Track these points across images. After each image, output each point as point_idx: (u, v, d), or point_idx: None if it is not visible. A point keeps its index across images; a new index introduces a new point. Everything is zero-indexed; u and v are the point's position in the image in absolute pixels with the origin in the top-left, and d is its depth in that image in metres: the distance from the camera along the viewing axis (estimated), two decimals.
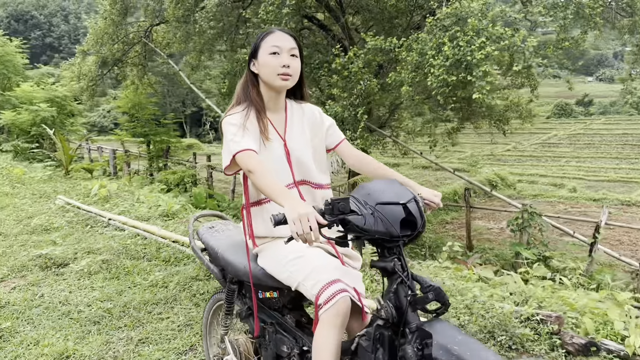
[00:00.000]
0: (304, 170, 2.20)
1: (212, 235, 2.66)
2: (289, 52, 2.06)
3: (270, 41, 2.07)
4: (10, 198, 8.56)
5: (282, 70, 2.04)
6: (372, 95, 9.67)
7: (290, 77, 2.07)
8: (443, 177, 22.63)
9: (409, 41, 8.63)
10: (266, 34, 2.12)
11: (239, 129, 2.02)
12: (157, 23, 14.21)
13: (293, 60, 2.07)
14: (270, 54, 2.05)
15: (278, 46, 2.04)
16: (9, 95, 21.10)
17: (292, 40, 2.08)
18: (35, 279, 4.73)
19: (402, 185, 1.95)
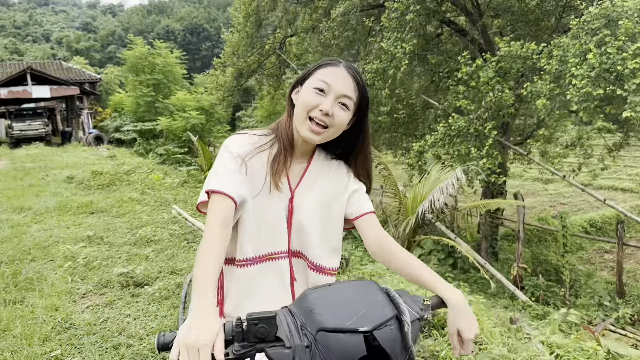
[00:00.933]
0: (304, 240, 1.63)
1: None
2: (339, 98, 1.50)
3: (322, 74, 1.52)
4: (133, 204, 9.00)
5: (316, 114, 1.48)
6: (505, 108, 8.54)
7: (325, 131, 1.51)
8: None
9: (550, 47, 7.41)
10: (323, 64, 1.56)
11: (235, 161, 1.52)
12: (291, 34, 14.33)
13: (339, 109, 1.50)
14: (315, 88, 1.50)
15: (328, 83, 1.49)
16: (168, 103, 23.08)
17: (351, 83, 1.52)
18: (110, 299, 4.69)
19: (379, 291, 1.27)
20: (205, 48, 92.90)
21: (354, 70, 1.54)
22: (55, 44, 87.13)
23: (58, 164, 15.05)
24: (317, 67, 1.55)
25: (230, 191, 1.44)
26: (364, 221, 1.65)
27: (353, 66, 1.55)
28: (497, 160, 8.35)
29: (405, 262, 1.55)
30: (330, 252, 1.66)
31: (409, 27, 8.79)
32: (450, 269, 9.14)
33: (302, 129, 1.50)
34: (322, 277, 1.64)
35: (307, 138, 1.51)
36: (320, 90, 1.48)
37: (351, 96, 1.51)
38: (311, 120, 1.49)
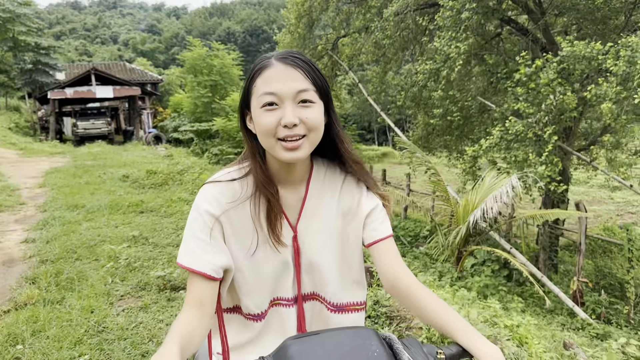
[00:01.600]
0: (319, 279, 1.38)
1: None
2: (296, 97, 1.21)
3: (261, 85, 1.22)
4: (182, 205, 9.06)
5: (284, 132, 1.20)
6: (567, 112, 8.00)
7: (303, 140, 1.22)
8: None
9: (618, 47, 6.86)
10: (257, 70, 1.26)
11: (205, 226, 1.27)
12: (343, 35, 14.13)
13: (304, 109, 1.22)
14: (263, 106, 1.21)
15: (274, 92, 1.20)
16: (224, 104, 23.44)
17: (298, 74, 1.22)
18: (146, 302, 4.64)
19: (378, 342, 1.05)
20: (264, 49, 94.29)
21: (290, 56, 1.24)
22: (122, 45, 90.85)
23: (116, 163, 15.50)
24: (250, 80, 1.26)
25: (202, 268, 1.23)
26: (377, 249, 1.38)
27: (286, 53, 1.26)
28: (558, 167, 7.82)
29: (425, 303, 1.27)
30: (353, 285, 1.43)
31: (464, 26, 8.39)
32: (504, 281, 8.66)
33: (278, 154, 1.23)
34: (347, 316, 1.41)
35: (289, 160, 1.23)
36: (269, 105, 1.20)
37: (307, 87, 1.21)
38: (283, 140, 1.21)
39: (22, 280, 5.18)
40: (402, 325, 4.03)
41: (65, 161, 16.74)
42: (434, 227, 7.96)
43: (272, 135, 1.21)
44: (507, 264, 8.83)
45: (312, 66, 1.26)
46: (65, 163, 16.03)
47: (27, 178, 12.48)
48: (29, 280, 5.17)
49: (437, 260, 7.97)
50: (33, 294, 4.67)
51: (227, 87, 24.97)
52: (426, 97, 11.62)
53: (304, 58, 1.26)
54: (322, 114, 1.25)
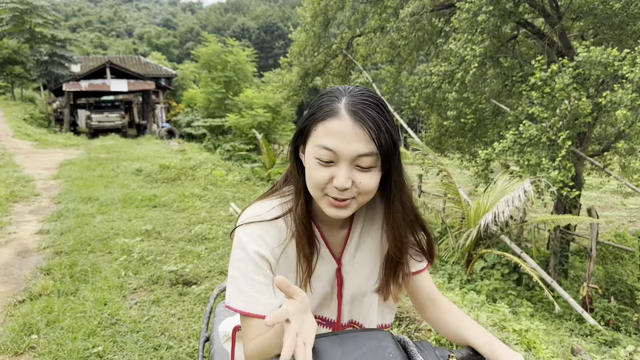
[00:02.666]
0: (359, 309, 1.39)
1: (222, 320, 2.03)
2: (354, 160, 1.13)
3: (322, 136, 1.14)
4: (194, 200, 9.14)
5: (334, 193, 1.16)
6: (582, 117, 7.96)
7: (352, 202, 1.18)
8: None
9: (635, 53, 6.81)
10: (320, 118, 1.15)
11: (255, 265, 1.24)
12: (358, 34, 14.13)
13: (360, 174, 1.15)
14: (317, 157, 1.15)
15: (333, 150, 1.12)
16: (237, 100, 23.53)
17: (363, 134, 1.11)
18: (158, 296, 4.70)
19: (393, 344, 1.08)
20: (278, 46, 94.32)
21: (362, 109, 1.12)
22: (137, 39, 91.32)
23: (130, 156, 15.63)
24: (312, 120, 1.17)
25: (262, 311, 1.20)
26: (417, 281, 1.42)
27: (359, 100, 1.13)
28: (571, 172, 7.79)
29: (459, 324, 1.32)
30: (386, 309, 1.44)
31: (480, 29, 8.37)
32: (514, 285, 8.64)
33: (324, 208, 1.20)
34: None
35: (333, 217, 1.20)
36: (325, 162, 1.14)
37: (370, 152, 1.12)
38: (327, 197, 1.18)
39: (37, 271, 5.27)
40: (411, 327, 4.06)
41: (79, 153, 16.91)
42: (445, 229, 7.96)
43: (322, 189, 1.17)
44: (517, 268, 8.81)
45: (385, 126, 1.14)
46: (79, 155, 16.19)
47: (41, 169, 12.64)
48: (43, 271, 5.26)
49: (447, 262, 7.98)
50: (48, 285, 4.75)
51: (241, 83, 25.07)
52: (440, 98, 11.59)
53: (378, 115, 1.13)
54: (378, 179, 1.18)
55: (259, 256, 1.24)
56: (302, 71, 14.82)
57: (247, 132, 21.02)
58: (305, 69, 14.70)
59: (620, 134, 10.45)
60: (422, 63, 14.70)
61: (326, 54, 14.40)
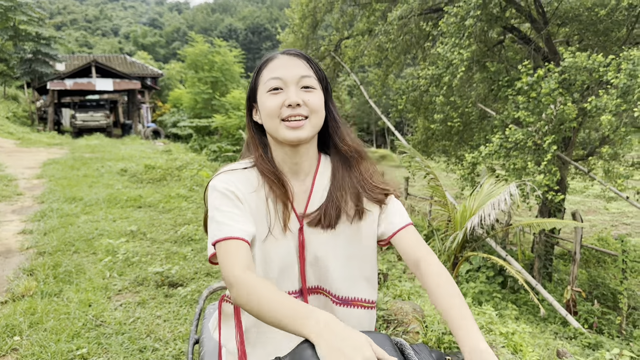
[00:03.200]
0: (324, 273, 1.38)
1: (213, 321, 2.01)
2: (299, 82, 1.30)
3: (267, 73, 1.33)
4: (180, 201, 9.07)
5: (288, 112, 1.27)
6: (567, 122, 8.05)
7: (305, 122, 1.29)
8: None
9: (619, 59, 6.91)
10: (263, 63, 1.37)
11: (228, 199, 1.30)
12: (347, 37, 14.15)
13: (306, 93, 1.30)
14: (269, 91, 1.30)
15: (279, 77, 1.30)
16: (224, 101, 23.44)
17: (301, 63, 1.34)
18: (144, 298, 4.65)
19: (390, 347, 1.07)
20: (265, 47, 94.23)
21: (295, 51, 1.38)
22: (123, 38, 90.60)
23: (114, 156, 15.47)
24: (257, 72, 1.37)
25: (240, 234, 1.24)
26: (398, 239, 1.39)
27: (290, 49, 1.38)
28: (556, 176, 7.87)
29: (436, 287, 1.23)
30: (362, 282, 1.41)
31: (467, 33, 8.43)
32: (499, 287, 8.70)
33: (282, 134, 1.29)
34: (354, 310, 1.40)
35: (292, 139, 1.29)
36: (275, 89, 1.30)
37: (309, 74, 1.32)
38: (286, 121, 1.28)
39: (20, 272, 5.19)
40: (399, 329, 4.06)
41: (63, 153, 16.70)
42: (431, 231, 7.98)
43: (277, 116, 1.29)
44: (502, 271, 8.88)
45: (312, 59, 1.39)
46: (63, 154, 15.99)
47: (24, 168, 12.46)
48: (26, 272, 5.17)
49: None
50: (30, 286, 4.68)
51: (228, 84, 24.98)
52: (427, 101, 11.65)
53: (305, 53, 1.39)
54: (322, 99, 1.34)
55: (229, 192, 1.31)
56: None
57: (234, 133, 20.95)
58: None
59: (604, 139, 10.59)
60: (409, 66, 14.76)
61: (314, 56, 14.39)
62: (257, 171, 1.37)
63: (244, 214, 1.29)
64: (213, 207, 1.30)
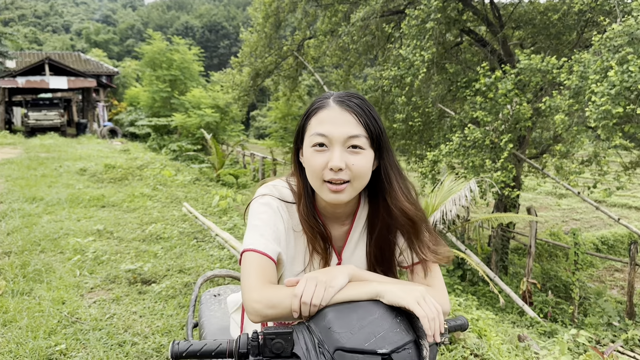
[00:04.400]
0: None
1: (209, 306, 2.13)
2: (346, 142, 1.26)
3: (315, 125, 1.29)
4: (144, 200, 9.01)
5: (330, 175, 1.26)
6: (522, 121, 8.44)
7: (346, 185, 1.27)
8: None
9: (571, 62, 7.32)
10: (312, 111, 1.32)
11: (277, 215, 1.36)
12: (309, 37, 14.30)
13: (352, 155, 1.26)
14: (313, 145, 1.28)
15: (325, 135, 1.26)
16: (183, 99, 23.18)
17: (351, 118, 1.26)
18: (117, 295, 4.67)
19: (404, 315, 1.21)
20: (223, 46, 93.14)
21: (347, 98, 1.29)
22: (75, 35, 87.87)
23: (71, 156, 15.14)
24: (307, 118, 1.32)
25: (271, 252, 1.28)
26: (410, 274, 1.44)
27: (345, 94, 1.31)
28: (512, 173, 8.25)
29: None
30: None
31: (428, 35, 8.71)
32: (458, 280, 9.04)
33: (323, 195, 1.30)
34: None
35: (333, 202, 1.30)
36: (319, 145, 1.26)
37: (358, 134, 1.25)
38: (328, 183, 1.27)
39: None
40: None
41: (17, 152, 16.21)
42: None
43: (319, 177, 1.27)
44: (461, 264, 9.22)
45: (369, 112, 1.28)
46: (17, 154, 15.53)
47: None
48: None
49: None
50: (0, 285, 4.63)
51: (187, 82, 24.68)
52: (388, 101, 11.92)
53: (361, 103, 1.29)
54: (370, 161, 1.29)
55: (279, 212, 1.36)
56: (252, 72, 14.83)
57: (195, 132, 20.76)
58: (256, 70, 14.71)
59: (555, 138, 11.11)
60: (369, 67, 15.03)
61: (277, 55, 14.47)
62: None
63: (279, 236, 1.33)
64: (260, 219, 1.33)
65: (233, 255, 5.85)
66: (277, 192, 1.41)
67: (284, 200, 1.41)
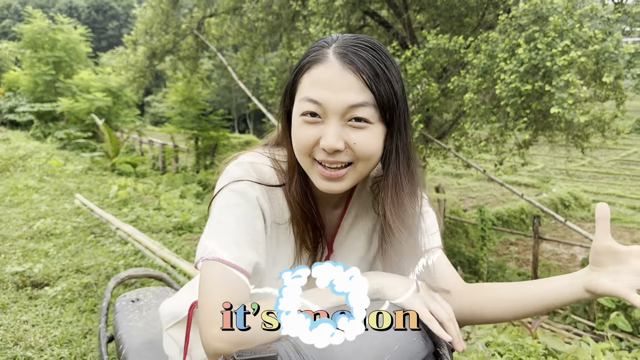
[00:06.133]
0: None
1: (127, 315, 1.71)
2: (347, 113, 0.92)
3: (307, 83, 0.94)
4: (30, 193, 8.05)
5: (322, 156, 0.94)
6: (430, 102, 8.51)
7: (347, 170, 0.96)
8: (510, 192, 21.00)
9: (478, 41, 7.43)
10: (307, 63, 0.96)
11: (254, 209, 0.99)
12: (210, 15, 13.58)
13: (354, 131, 0.93)
14: (303, 114, 0.94)
15: (317, 102, 0.92)
16: (70, 83, 21.36)
17: (357, 82, 0.91)
18: (4, 302, 3.99)
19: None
20: (112, 27, 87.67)
21: (354, 50, 0.93)
22: None
23: None
24: (298, 72, 0.98)
25: (245, 266, 0.93)
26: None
27: (351, 42, 0.94)
28: (422, 154, 8.32)
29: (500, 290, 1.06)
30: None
31: (337, 15, 8.51)
32: None
33: (314, 179, 0.99)
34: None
35: (324, 190, 0.98)
36: (312, 116, 0.93)
37: (363, 102, 0.91)
38: (320, 165, 0.96)
39: None
40: None
41: None
42: None
43: (308, 154, 0.96)
44: None
45: (383, 71, 0.93)
46: None
47: None
48: None
49: None
50: None
51: (74, 64, 22.70)
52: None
53: (373, 58, 0.93)
54: (380, 139, 0.96)
55: (257, 202, 1.00)
56: (148, 51, 13.80)
57: (84, 118, 19.19)
58: (153, 49, 13.72)
59: (456, 120, 11.46)
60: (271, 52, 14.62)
61: (175, 34, 13.60)
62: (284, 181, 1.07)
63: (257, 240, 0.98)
64: (231, 214, 0.97)
65: (139, 250, 5.29)
66: (255, 174, 1.03)
67: (265, 185, 1.04)
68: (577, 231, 8.07)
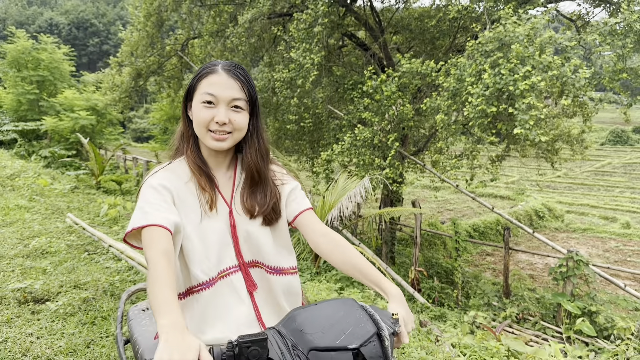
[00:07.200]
0: (257, 247, 1.62)
1: (140, 322, 2.09)
2: (230, 103, 1.54)
3: (205, 85, 1.53)
4: (22, 212, 8.31)
5: (215, 127, 1.53)
6: (405, 121, 9.00)
7: (229, 136, 1.56)
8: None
9: (448, 65, 7.94)
10: (204, 72, 1.56)
11: (159, 193, 1.49)
12: (194, 37, 13.98)
13: (234, 113, 1.55)
14: (203, 102, 1.53)
15: (213, 94, 1.52)
16: (54, 102, 21.53)
17: (236, 85, 1.54)
18: (8, 317, 4.30)
19: (359, 309, 1.33)
20: (92, 44, 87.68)
21: (233, 68, 1.56)
22: None
23: None
24: (198, 79, 1.56)
25: (160, 221, 1.39)
26: (304, 220, 1.69)
27: (231, 64, 1.57)
28: (399, 170, 8.77)
29: (351, 256, 1.59)
30: (285, 252, 1.70)
31: (317, 40, 8.96)
32: None
33: (207, 142, 1.55)
34: (284, 277, 1.67)
35: (214, 147, 1.55)
36: (208, 103, 1.52)
37: (240, 97, 1.54)
38: (212, 132, 1.53)
39: None
40: None
41: None
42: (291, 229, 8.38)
43: (205, 127, 1.53)
44: None
45: (249, 82, 1.58)
46: None
47: None
48: None
49: (299, 258, 8.42)
50: None
51: (58, 83, 22.92)
52: (275, 103, 12.03)
53: (244, 73, 1.58)
54: (247, 119, 1.59)
55: (162, 186, 1.50)
56: (133, 72, 14.17)
57: (68, 137, 19.39)
58: (138, 70, 14.08)
59: (431, 137, 11.97)
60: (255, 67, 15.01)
61: (160, 55, 13.96)
62: (185, 167, 1.61)
63: (169, 206, 1.47)
64: (143, 199, 1.47)
65: (132, 267, 5.63)
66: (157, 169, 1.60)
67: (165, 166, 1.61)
68: (544, 242, 8.57)
